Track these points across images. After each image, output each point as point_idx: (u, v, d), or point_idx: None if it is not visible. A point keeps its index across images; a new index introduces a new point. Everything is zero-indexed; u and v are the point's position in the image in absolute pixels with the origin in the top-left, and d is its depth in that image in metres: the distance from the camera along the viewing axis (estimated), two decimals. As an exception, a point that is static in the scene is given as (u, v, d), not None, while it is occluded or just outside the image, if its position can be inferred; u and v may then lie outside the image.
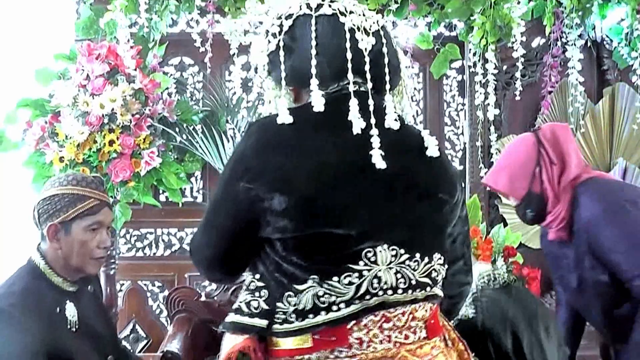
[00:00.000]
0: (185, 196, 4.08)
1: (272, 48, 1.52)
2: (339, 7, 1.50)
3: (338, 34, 1.48)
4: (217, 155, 3.82)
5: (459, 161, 4.20)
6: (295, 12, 1.51)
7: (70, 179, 2.20)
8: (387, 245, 1.43)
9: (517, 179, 2.47)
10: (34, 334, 2.03)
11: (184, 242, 4.16)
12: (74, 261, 2.19)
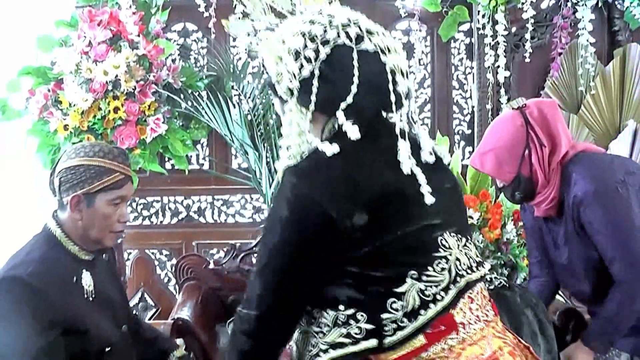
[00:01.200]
0: (191, 163, 4.05)
1: (305, 74, 1.47)
2: (379, 44, 1.48)
3: (380, 73, 1.47)
4: (223, 122, 3.78)
5: (467, 125, 4.17)
6: (333, 39, 1.46)
7: (97, 150, 2.14)
8: (449, 231, 1.49)
9: (504, 162, 2.37)
10: (51, 304, 2.01)
11: (190, 209, 4.14)
12: (93, 233, 2.16)
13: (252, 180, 3.92)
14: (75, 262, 2.16)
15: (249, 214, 4.16)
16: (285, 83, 1.49)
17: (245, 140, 3.80)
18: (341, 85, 1.46)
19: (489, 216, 3.12)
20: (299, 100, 1.49)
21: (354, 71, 1.44)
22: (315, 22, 1.48)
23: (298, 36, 1.48)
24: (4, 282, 2.00)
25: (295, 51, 1.47)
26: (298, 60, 1.47)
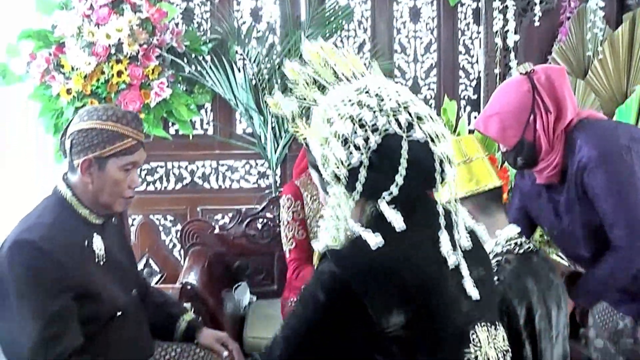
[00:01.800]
0: (195, 128, 4.03)
1: (354, 163, 1.41)
2: (429, 132, 1.42)
3: (428, 162, 1.42)
4: (227, 86, 3.76)
5: (472, 90, 4.16)
6: (383, 126, 1.40)
7: (111, 114, 2.10)
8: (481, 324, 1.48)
9: (509, 127, 2.32)
10: (63, 268, 2.00)
11: (195, 175, 4.13)
12: (103, 198, 2.13)
13: (257, 146, 3.91)
14: (86, 226, 2.15)
15: (254, 180, 4.15)
16: (332, 168, 1.44)
17: (250, 105, 3.78)
18: (388, 174, 1.41)
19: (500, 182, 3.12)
20: (346, 186, 1.43)
21: (402, 161, 1.40)
22: (364, 105, 1.42)
23: (347, 121, 1.41)
24: (16, 245, 1.98)
25: (343, 137, 1.41)
26: (347, 147, 1.41)
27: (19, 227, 2.07)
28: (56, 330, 1.97)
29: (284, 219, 3.02)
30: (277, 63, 3.78)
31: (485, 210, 2.12)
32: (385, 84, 1.47)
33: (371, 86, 1.45)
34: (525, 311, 1.97)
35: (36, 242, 1.98)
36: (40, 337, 1.95)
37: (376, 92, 1.43)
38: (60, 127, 3.69)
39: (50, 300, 1.97)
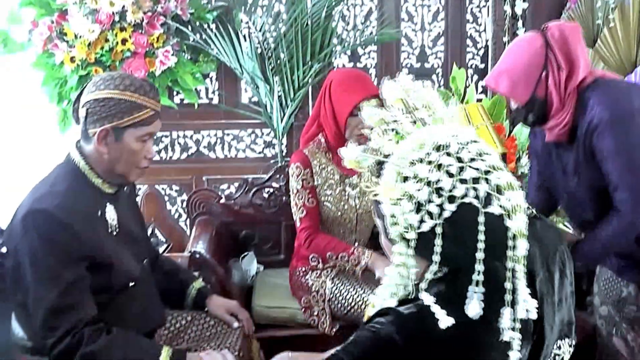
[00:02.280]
0: (200, 98, 4.00)
1: (425, 229, 1.36)
2: (506, 207, 1.36)
3: (503, 238, 1.38)
4: (232, 55, 3.73)
5: (480, 59, 4.14)
6: (460, 197, 1.34)
7: (128, 83, 2.07)
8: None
9: (520, 83, 2.32)
10: (78, 238, 2.00)
11: (200, 144, 4.12)
12: (119, 168, 2.13)
13: (263, 115, 3.90)
14: (99, 196, 2.14)
15: (260, 149, 4.14)
16: (400, 230, 1.39)
17: (256, 74, 3.76)
18: (461, 245, 1.37)
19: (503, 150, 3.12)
20: (416, 251, 1.39)
21: (480, 236, 1.35)
22: (444, 170, 1.35)
23: (422, 185, 1.35)
24: (30, 215, 1.98)
25: (417, 201, 1.35)
26: (419, 213, 1.36)
27: (32, 196, 2.06)
28: (71, 299, 1.99)
29: (293, 188, 3.01)
30: (283, 32, 3.75)
31: None
32: (468, 141, 1.39)
33: (453, 145, 1.37)
34: (527, 275, 1.99)
35: (50, 211, 1.97)
36: (55, 306, 1.96)
37: (457, 155, 1.36)
38: (65, 95, 3.68)
39: (64, 269, 1.98)
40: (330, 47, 3.80)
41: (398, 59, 4.11)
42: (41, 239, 1.97)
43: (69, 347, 1.97)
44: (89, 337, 1.99)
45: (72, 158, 2.15)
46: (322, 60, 3.78)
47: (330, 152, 3.05)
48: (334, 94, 2.95)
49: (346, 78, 2.99)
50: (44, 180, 2.13)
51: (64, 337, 1.96)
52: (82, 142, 2.14)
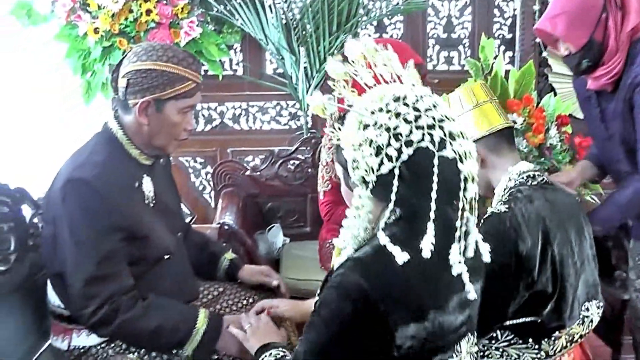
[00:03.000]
0: (224, 69, 4.01)
1: (383, 171, 1.46)
2: (459, 151, 1.48)
3: (455, 180, 1.49)
4: (258, 25, 3.73)
5: (507, 29, 4.12)
6: (416, 141, 1.44)
7: (171, 55, 2.06)
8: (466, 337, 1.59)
9: (579, 25, 2.28)
10: (116, 208, 2.02)
11: (224, 116, 4.14)
12: (158, 140, 2.14)
13: (288, 86, 3.91)
14: (136, 167, 2.16)
15: (285, 121, 4.17)
16: (361, 173, 1.49)
17: (282, 44, 3.76)
18: (417, 187, 1.47)
19: (532, 121, 3.11)
20: (374, 193, 1.50)
21: (434, 178, 1.45)
22: (402, 117, 1.46)
23: (382, 130, 1.46)
24: (70, 184, 2.00)
25: (377, 146, 1.46)
26: (379, 156, 1.46)
27: (71, 164, 2.08)
28: (108, 269, 2.02)
29: (322, 159, 3.03)
30: (308, 2, 3.75)
31: (496, 150, 2.17)
32: (423, 94, 1.50)
33: (410, 96, 1.48)
34: (541, 235, 2.01)
35: (89, 181, 1.99)
36: (92, 275, 1.99)
37: (414, 105, 1.47)
38: (89, 67, 3.70)
39: (102, 239, 2.00)
40: (357, 18, 3.79)
41: (424, 30, 4.12)
42: (80, 208, 1.99)
43: (107, 315, 2.00)
44: (126, 305, 2.02)
45: (109, 128, 2.15)
46: (348, 31, 3.77)
47: None
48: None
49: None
50: (82, 149, 2.14)
51: (101, 307, 2.00)
52: (121, 112, 2.14)
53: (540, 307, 2.03)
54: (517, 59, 3.97)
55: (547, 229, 2.03)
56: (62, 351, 2.15)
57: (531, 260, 1.99)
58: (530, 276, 2.00)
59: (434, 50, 4.16)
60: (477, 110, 2.24)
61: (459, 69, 4.14)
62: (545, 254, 2.01)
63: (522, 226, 2.00)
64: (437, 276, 1.50)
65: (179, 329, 2.10)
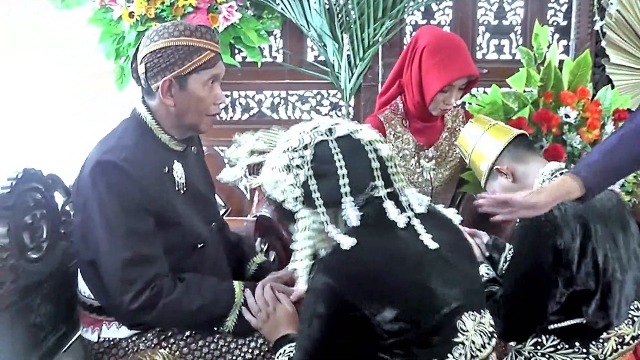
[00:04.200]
0: (264, 56, 4.05)
1: (303, 179, 1.69)
2: (348, 127, 1.73)
3: (359, 149, 1.70)
4: (299, 10, 3.76)
5: (562, 15, 4.07)
6: (312, 141, 1.69)
7: (182, 29, 2.10)
8: (467, 312, 1.67)
9: None
10: (145, 190, 2.06)
11: (262, 105, 4.18)
12: (188, 119, 2.17)
13: (330, 75, 3.93)
14: (166, 152, 2.19)
15: (325, 111, 4.19)
16: (290, 196, 1.71)
17: (324, 31, 3.78)
18: (333, 175, 1.68)
19: (587, 115, 3.10)
20: (307, 203, 1.70)
21: (337, 157, 1.67)
22: (289, 138, 1.74)
23: (283, 154, 1.72)
24: (99, 166, 2.05)
25: (286, 166, 1.71)
26: (291, 172, 1.70)
27: (99, 148, 2.12)
28: (145, 251, 2.06)
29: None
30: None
31: (520, 158, 2.32)
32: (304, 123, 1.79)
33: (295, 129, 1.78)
34: (580, 228, 2.03)
35: (119, 164, 2.03)
36: (128, 258, 2.03)
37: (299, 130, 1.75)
38: (123, 52, 3.77)
39: (135, 221, 2.05)
40: (403, 3, 3.79)
41: (474, 16, 4.09)
42: (110, 191, 2.03)
43: (150, 300, 2.04)
44: (168, 287, 2.06)
45: (138, 113, 2.19)
46: (394, 17, 3.78)
47: (407, 119, 3.01)
48: (425, 63, 2.85)
49: (443, 48, 2.84)
50: (111, 134, 2.19)
51: (142, 291, 2.03)
52: (147, 99, 2.18)
53: (583, 305, 2.04)
54: (572, 48, 3.95)
55: (586, 222, 2.06)
56: (92, 343, 2.20)
57: (569, 254, 2.01)
58: (569, 270, 2.02)
59: (483, 37, 4.13)
60: (491, 130, 2.44)
61: (509, 58, 4.10)
62: (584, 248, 2.03)
63: (559, 219, 2.03)
64: (403, 253, 1.64)
65: (218, 305, 2.15)
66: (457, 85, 2.83)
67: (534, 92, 3.07)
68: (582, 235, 2.05)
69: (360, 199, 1.68)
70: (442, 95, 2.84)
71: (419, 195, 1.78)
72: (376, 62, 3.99)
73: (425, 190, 3.04)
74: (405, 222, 1.66)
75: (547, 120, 2.95)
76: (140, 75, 2.15)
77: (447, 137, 3.04)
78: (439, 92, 2.82)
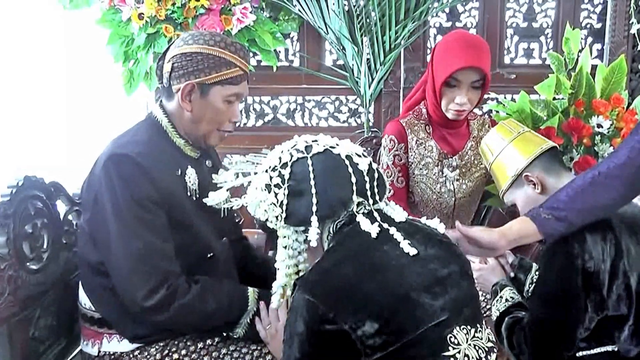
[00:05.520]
0: (279, 60, 4.08)
1: (282, 199, 1.79)
2: (327, 143, 1.84)
3: (339, 164, 1.80)
4: (317, 12, 3.78)
5: (597, 17, 4.07)
6: (290, 160, 1.80)
7: (218, 39, 2.20)
8: (458, 326, 1.70)
9: None
10: (156, 185, 2.12)
11: (278, 111, 4.22)
12: (201, 127, 2.24)
13: (349, 80, 3.96)
14: (180, 156, 2.26)
15: (344, 118, 4.22)
16: (272, 215, 1.82)
17: (343, 33, 3.80)
18: (308, 193, 1.77)
19: (621, 125, 3.09)
20: (288, 222, 1.81)
21: (310, 175, 1.77)
22: (270, 157, 1.85)
23: (264, 174, 1.84)
24: (112, 159, 2.11)
25: (266, 185, 1.82)
26: (272, 191, 1.81)
27: (113, 144, 2.20)
28: (157, 244, 2.11)
29: (383, 162, 3.06)
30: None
31: (552, 171, 2.32)
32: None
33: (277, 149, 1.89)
34: (610, 247, 2.02)
35: (133, 156, 2.10)
36: (140, 252, 2.08)
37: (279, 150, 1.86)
38: (131, 55, 3.81)
39: (148, 214, 2.10)
40: (427, 4, 3.79)
41: (502, 17, 4.09)
42: (123, 183, 2.09)
43: (165, 299, 2.08)
44: (183, 288, 2.11)
45: (154, 115, 2.27)
46: (417, 19, 3.79)
47: (430, 125, 3.04)
48: (435, 57, 2.92)
49: (453, 40, 2.91)
50: (124, 133, 2.26)
51: (157, 289, 2.07)
52: (164, 99, 2.26)
53: (615, 331, 2.04)
54: (607, 53, 3.94)
55: (617, 241, 2.05)
56: (92, 356, 2.25)
57: (600, 276, 2.00)
58: (600, 294, 2.01)
59: (512, 41, 4.13)
60: (525, 135, 2.45)
61: (539, 63, 4.11)
62: (616, 269, 2.02)
63: (587, 240, 2.03)
64: (383, 266, 1.69)
65: (231, 311, 2.21)
66: (466, 82, 2.83)
67: (564, 99, 3.07)
68: (614, 255, 2.04)
69: (344, 214, 1.79)
70: (450, 91, 2.86)
71: (399, 209, 1.87)
72: (398, 66, 4.00)
73: (448, 202, 3.05)
74: (377, 232, 1.73)
75: (577, 130, 2.96)
76: (165, 74, 2.24)
77: (472, 147, 3.05)
78: (445, 85, 2.85)
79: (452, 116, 2.91)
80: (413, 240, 1.74)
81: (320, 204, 1.76)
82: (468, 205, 3.11)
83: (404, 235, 1.74)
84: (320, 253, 1.80)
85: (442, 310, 1.67)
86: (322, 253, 1.78)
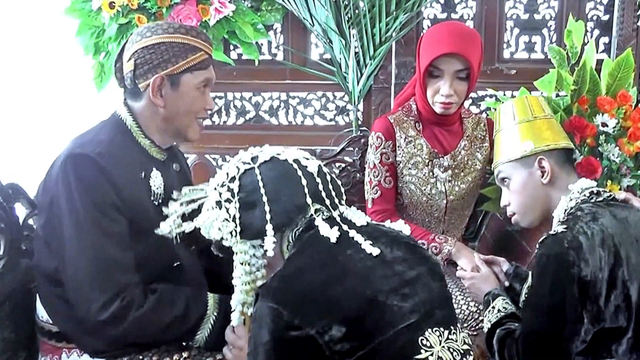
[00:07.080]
0: (262, 53, 4.08)
1: (233, 212, 1.87)
2: (272, 151, 1.92)
3: (288, 169, 1.89)
4: (303, 3, 3.77)
5: (604, 9, 4.07)
6: (237, 173, 1.89)
7: (177, 26, 2.22)
8: (430, 328, 1.75)
9: None
10: (118, 189, 2.13)
11: (260, 108, 4.20)
12: (177, 122, 2.26)
13: (337, 75, 3.95)
14: (145, 158, 2.27)
15: (331, 115, 4.21)
16: (226, 231, 1.91)
17: (330, 25, 3.80)
18: (260, 203, 1.86)
19: (628, 124, 3.10)
20: (243, 237, 1.89)
21: (260, 184, 1.86)
22: (217, 175, 1.95)
23: (214, 192, 1.93)
24: (70, 159, 2.12)
25: (216, 203, 1.92)
26: (222, 207, 1.90)
27: (72, 144, 2.21)
28: (115, 254, 2.11)
29: (370, 161, 3.07)
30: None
31: (564, 167, 2.38)
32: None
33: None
34: (609, 255, 2.03)
35: (92, 157, 2.11)
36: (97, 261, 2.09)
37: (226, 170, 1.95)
38: (102, 47, 3.80)
39: (106, 219, 2.11)
40: (420, -6, 3.80)
41: (502, 9, 4.08)
42: (81, 185, 2.09)
43: (119, 311, 2.09)
44: (139, 299, 2.11)
45: (118, 114, 2.27)
46: (410, 10, 3.78)
47: (420, 122, 3.05)
48: (421, 46, 2.94)
49: (439, 26, 2.97)
50: (86, 131, 2.27)
51: (112, 301, 2.08)
52: (131, 100, 2.27)
53: (613, 344, 2.04)
54: (614, 47, 3.94)
55: (617, 248, 2.06)
56: (52, 372, 2.24)
57: (596, 286, 2.01)
58: (596, 305, 2.01)
59: (512, 34, 4.12)
60: (553, 122, 2.49)
61: (541, 58, 4.10)
62: (614, 278, 2.02)
63: (584, 247, 2.04)
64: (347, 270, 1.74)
65: (189, 318, 2.22)
66: (449, 71, 2.85)
67: (567, 97, 3.07)
68: (612, 264, 2.05)
69: (302, 221, 1.87)
70: (434, 82, 2.88)
71: (360, 213, 1.95)
72: (389, 61, 3.99)
73: (439, 205, 3.06)
74: (337, 236, 1.79)
75: (581, 129, 2.96)
76: (127, 74, 2.24)
77: (466, 146, 3.06)
78: (429, 76, 2.88)
79: (439, 110, 2.92)
80: (378, 243, 1.80)
81: (274, 211, 1.84)
82: (461, 208, 3.12)
83: (367, 238, 1.80)
84: (281, 266, 1.83)
85: (412, 312, 1.72)
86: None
